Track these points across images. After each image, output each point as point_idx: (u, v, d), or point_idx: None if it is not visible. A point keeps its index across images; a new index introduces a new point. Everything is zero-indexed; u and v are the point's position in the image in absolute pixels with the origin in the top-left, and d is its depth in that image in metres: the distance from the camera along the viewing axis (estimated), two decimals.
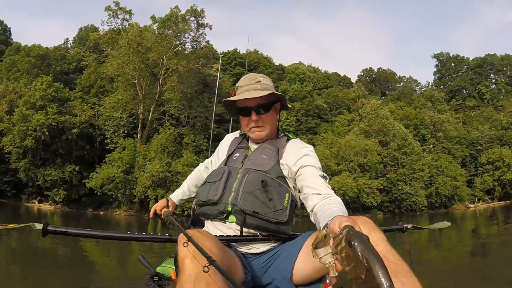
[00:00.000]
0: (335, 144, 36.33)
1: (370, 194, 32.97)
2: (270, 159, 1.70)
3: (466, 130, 49.91)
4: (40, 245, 10.30)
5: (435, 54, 72.69)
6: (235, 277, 1.40)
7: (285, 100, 1.82)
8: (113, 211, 30.38)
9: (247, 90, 1.73)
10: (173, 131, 32.57)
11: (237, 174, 1.68)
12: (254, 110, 1.72)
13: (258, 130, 1.76)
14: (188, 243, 1.18)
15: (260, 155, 1.73)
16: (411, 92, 64.44)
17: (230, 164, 1.76)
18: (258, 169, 1.67)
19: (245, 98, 1.70)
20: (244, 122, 1.78)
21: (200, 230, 1.36)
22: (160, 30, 34.33)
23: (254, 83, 1.74)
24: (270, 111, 1.76)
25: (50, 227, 1.59)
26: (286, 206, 1.61)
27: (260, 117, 1.73)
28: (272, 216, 1.57)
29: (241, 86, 1.78)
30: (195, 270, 1.11)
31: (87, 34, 46.57)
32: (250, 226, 1.58)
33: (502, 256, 9.51)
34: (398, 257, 1.15)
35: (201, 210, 1.73)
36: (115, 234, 1.68)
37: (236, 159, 1.78)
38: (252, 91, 1.72)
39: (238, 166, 1.73)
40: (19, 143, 29.50)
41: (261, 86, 1.73)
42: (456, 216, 31.21)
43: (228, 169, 1.71)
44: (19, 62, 36.83)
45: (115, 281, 6.74)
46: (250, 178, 1.62)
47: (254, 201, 1.57)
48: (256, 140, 1.81)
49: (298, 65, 58.53)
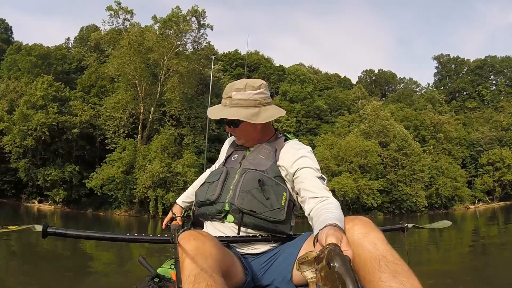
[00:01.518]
0: (335, 145, 36.31)
1: (370, 195, 32.96)
2: (267, 159, 1.71)
3: (466, 131, 49.90)
4: (39, 247, 10.31)
5: (435, 55, 72.71)
6: (235, 278, 1.40)
7: (255, 119, 1.71)
8: (113, 211, 30.37)
9: (220, 103, 1.77)
10: (173, 132, 32.56)
11: (235, 174, 1.69)
12: (226, 123, 1.76)
13: (236, 138, 1.83)
14: (188, 244, 1.18)
15: (258, 155, 1.73)
16: (412, 93, 64.50)
17: (229, 165, 1.78)
18: (256, 168, 1.67)
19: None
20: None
21: (199, 231, 1.36)
22: (161, 31, 34.34)
23: (225, 97, 1.73)
24: (239, 126, 1.73)
25: (50, 229, 1.59)
26: (283, 205, 1.60)
27: (233, 130, 1.77)
28: (269, 215, 1.57)
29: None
30: (194, 271, 1.10)
31: (88, 33, 46.60)
32: (248, 225, 1.58)
33: (502, 257, 9.52)
34: (397, 257, 1.14)
35: (200, 211, 1.74)
36: (114, 235, 1.68)
37: (235, 160, 1.79)
38: (212, 108, 1.78)
39: (236, 166, 1.74)
40: (20, 142, 29.48)
41: (230, 103, 1.71)
42: (456, 217, 31.21)
43: (226, 170, 1.73)
44: (20, 61, 36.84)
45: (116, 282, 6.74)
46: (247, 177, 1.63)
47: (251, 200, 1.57)
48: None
49: (299, 66, 58.52)
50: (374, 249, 1.15)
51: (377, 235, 1.20)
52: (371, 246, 1.16)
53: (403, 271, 1.10)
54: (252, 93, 1.70)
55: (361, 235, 1.19)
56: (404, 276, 1.08)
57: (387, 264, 1.11)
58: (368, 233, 1.20)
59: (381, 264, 1.11)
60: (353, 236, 1.17)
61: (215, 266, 1.15)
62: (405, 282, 1.07)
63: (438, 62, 71.94)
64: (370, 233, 1.20)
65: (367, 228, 1.22)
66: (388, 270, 1.10)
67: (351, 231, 1.19)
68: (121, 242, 1.71)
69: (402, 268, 1.11)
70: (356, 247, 1.13)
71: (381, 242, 1.18)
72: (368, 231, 1.21)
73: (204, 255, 1.16)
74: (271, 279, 1.53)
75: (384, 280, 1.08)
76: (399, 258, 1.14)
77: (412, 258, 2.01)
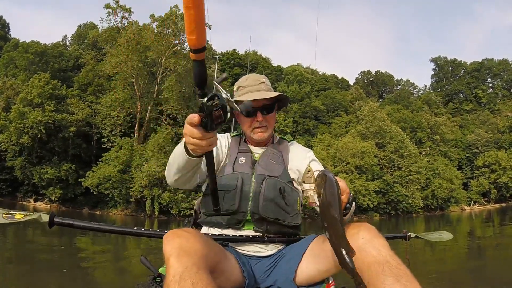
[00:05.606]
0: (332, 146, 36.42)
1: (366, 196, 33.04)
2: (278, 164, 1.71)
3: (463, 133, 50.19)
4: (38, 246, 10.25)
5: (432, 57, 73.30)
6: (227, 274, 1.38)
7: (287, 102, 1.82)
8: (109, 210, 30.28)
9: (253, 91, 1.73)
10: (170, 131, 32.47)
11: (250, 181, 1.63)
12: (259, 111, 1.70)
13: (262, 130, 1.74)
14: (171, 242, 1.17)
15: (269, 160, 1.71)
16: (409, 95, 64.77)
17: (238, 170, 1.68)
18: (271, 174, 1.66)
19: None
20: (247, 122, 1.75)
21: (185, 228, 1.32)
22: (159, 29, 34.24)
23: (258, 83, 1.75)
24: (273, 112, 1.76)
25: (56, 219, 1.60)
26: (299, 209, 1.68)
27: (264, 118, 1.72)
28: (291, 220, 1.62)
29: (243, 86, 1.77)
30: (180, 269, 1.08)
31: (86, 31, 46.50)
32: (272, 233, 1.61)
33: (498, 258, 9.59)
34: (400, 262, 1.19)
35: (212, 219, 1.66)
36: (121, 228, 1.70)
37: (243, 163, 1.71)
38: (259, 92, 1.73)
39: (248, 172, 1.67)
40: (16, 140, 29.37)
41: (265, 87, 1.76)
42: (452, 219, 31.36)
43: (240, 177, 1.64)
44: (17, 58, 36.73)
45: (118, 282, 6.70)
46: (268, 186, 1.61)
47: (275, 208, 1.58)
48: (257, 140, 1.78)
49: (297, 66, 58.66)
50: (377, 254, 1.20)
51: (381, 242, 1.25)
52: (375, 251, 1.21)
53: (405, 275, 1.14)
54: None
55: (365, 241, 1.23)
56: (406, 280, 1.12)
57: (390, 268, 1.15)
58: (372, 239, 1.25)
59: (384, 268, 1.15)
60: (357, 241, 1.22)
61: (200, 263, 1.13)
62: (408, 285, 1.10)
63: (435, 64, 72.43)
64: (374, 239, 1.25)
65: (371, 234, 1.27)
66: (391, 274, 1.13)
67: (355, 237, 1.24)
68: (126, 235, 1.71)
69: (404, 272, 1.15)
70: (360, 252, 1.18)
71: (384, 248, 1.22)
72: (372, 237, 1.26)
73: (189, 252, 1.14)
74: (274, 279, 1.54)
75: (387, 283, 1.11)
76: (402, 263, 1.18)
77: (408, 259, 2.02)
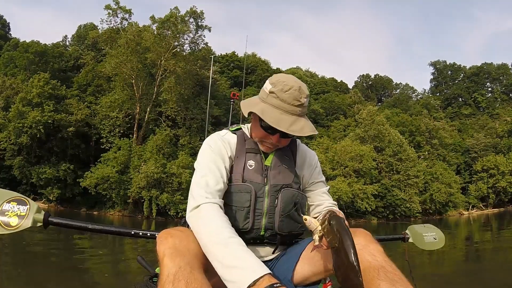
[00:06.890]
0: (331, 149, 36.41)
1: (364, 199, 33.01)
2: (290, 168, 1.59)
3: (461, 138, 50.22)
4: (37, 246, 10.20)
5: (432, 61, 73.52)
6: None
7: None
8: (107, 211, 30.23)
9: (286, 110, 1.43)
10: (169, 132, 32.48)
11: (263, 193, 1.50)
12: (279, 133, 1.47)
13: (271, 147, 1.56)
14: (165, 242, 1.17)
15: (282, 165, 1.58)
16: (407, 99, 64.91)
17: (249, 177, 1.51)
18: (284, 183, 1.54)
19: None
20: (261, 133, 1.52)
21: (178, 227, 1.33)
22: (159, 31, 34.30)
23: (296, 105, 1.43)
24: (290, 138, 1.57)
25: (51, 219, 1.56)
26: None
27: (280, 140, 1.52)
28: (301, 229, 1.59)
29: (280, 97, 1.44)
30: (173, 269, 1.08)
31: (86, 32, 46.45)
32: (283, 243, 1.59)
33: (495, 262, 9.61)
34: (395, 267, 1.22)
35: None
36: (117, 229, 1.69)
37: (253, 169, 1.53)
38: (291, 121, 1.42)
39: (261, 182, 1.51)
40: (14, 140, 29.32)
41: (300, 112, 1.45)
42: (450, 223, 31.36)
43: (253, 189, 1.48)
44: (17, 57, 36.68)
45: (115, 282, 6.68)
46: (284, 199, 1.51)
47: (290, 222, 1.53)
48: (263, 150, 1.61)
49: (296, 69, 58.74)
50: (373, 259, 1.23)
51: (376, 247, 1.28)
52: (370, 257, 1.23)
53: (400, 280, 1.16)
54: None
55: (360, 247, 1.24)
56: (401, 284, 1.14)
57: (385, 273, 1.18)
58: (367, 245, 1.28)
59: (380, 273, 1.17)
60: None
61: (194, 263, 1.13)
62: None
63: (434, 68, 72.63)
64: (369, 245, 1.28)
65: (367, 240, 1.30)
66: (386, 278, 1.16)
67: None
68: (123, 236, 1.69)
69: (399, 277, 1.17)
70: None
71: (379, 253, 1.25)
72: (368, 243, 1.29)
73: (182, 252, 1.14)
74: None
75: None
76: (397, 268, 1.21)
77: (406, 263, 2.02)
